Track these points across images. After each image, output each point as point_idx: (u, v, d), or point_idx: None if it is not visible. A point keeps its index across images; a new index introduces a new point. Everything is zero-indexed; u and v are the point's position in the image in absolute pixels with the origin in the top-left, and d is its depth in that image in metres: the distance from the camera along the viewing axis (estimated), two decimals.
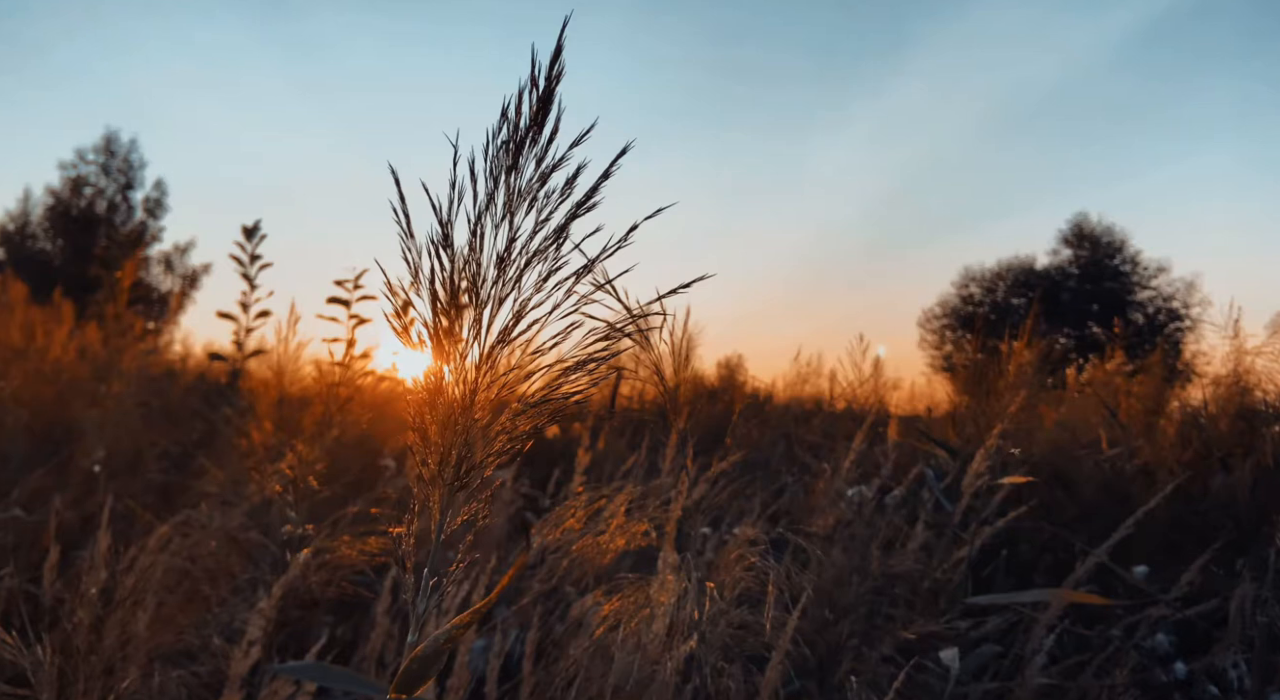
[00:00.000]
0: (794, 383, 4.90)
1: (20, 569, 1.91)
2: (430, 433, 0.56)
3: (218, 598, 1.42)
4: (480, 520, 0.58)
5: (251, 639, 1.29)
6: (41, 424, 2.81)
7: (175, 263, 20.24)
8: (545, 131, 0.59)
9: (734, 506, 2.85)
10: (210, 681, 1.33)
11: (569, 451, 2.86)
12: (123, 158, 20.93)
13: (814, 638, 1.88)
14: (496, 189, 0.58)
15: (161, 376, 4.00)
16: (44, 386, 3.01)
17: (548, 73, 0.59)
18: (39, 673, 1.01)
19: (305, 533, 1.28)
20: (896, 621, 1.87)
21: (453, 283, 0.56)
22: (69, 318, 4.23)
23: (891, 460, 2.82)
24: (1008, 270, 22.93)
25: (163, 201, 21.01)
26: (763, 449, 3.61)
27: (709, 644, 1.12)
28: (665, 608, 1.13)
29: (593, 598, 1.28)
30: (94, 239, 19.21)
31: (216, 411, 3.29)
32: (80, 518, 2.47)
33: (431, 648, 0.50)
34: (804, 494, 2.55)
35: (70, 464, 2.62)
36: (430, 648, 0.49)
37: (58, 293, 4.67)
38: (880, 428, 3.23)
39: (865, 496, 2.48)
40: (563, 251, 0.59)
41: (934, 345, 22.75)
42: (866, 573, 1.90)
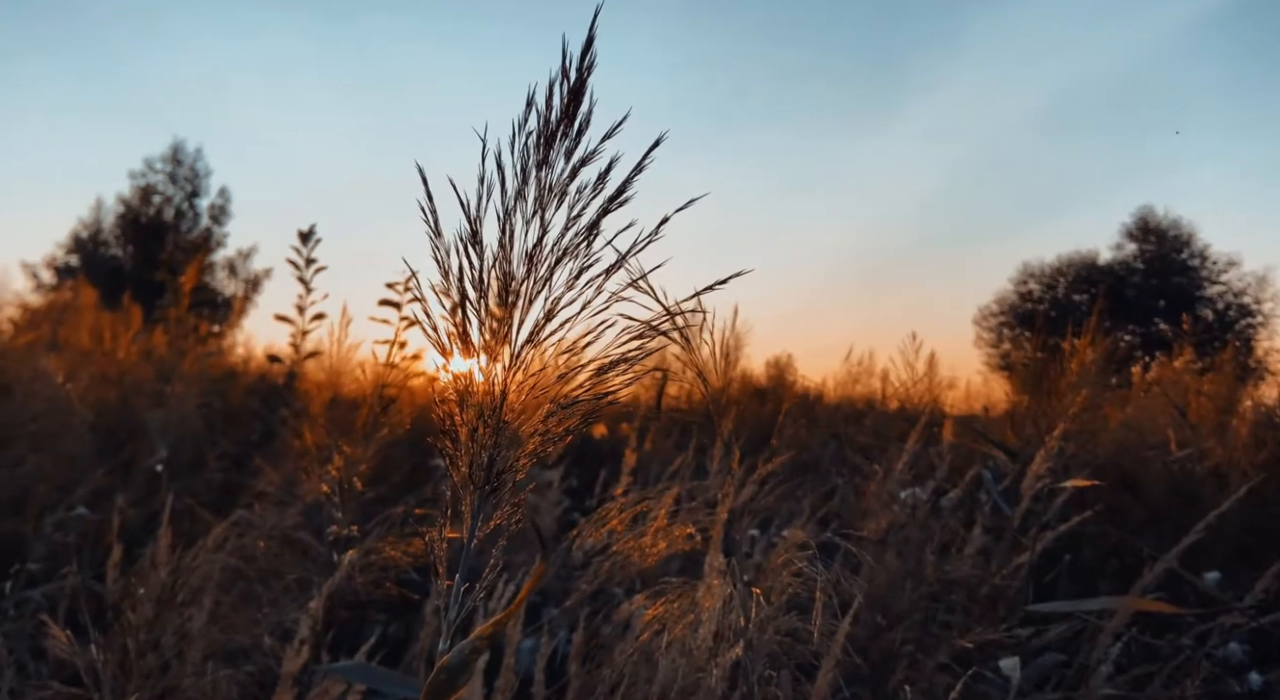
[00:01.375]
0: (845, 382, 4.82)
1: (85, 566, 1.98)
2: (460, 435, 0.55)
3: (269, 597, 1.44)
4: (514, 524, 0.57)
5: (301, 638, 1.30)
6: (106, 424, 2.90)
7: (238, 267, 20.85)
8: (576, 124, 0.57)
9: (783, 508, 2.81)
10: (262, 680, 1.34)
11: (616, 452, 2.85)
12: (189, 166, 21.64)
13: (867, 645, 1.83)
14: (526, 184, 0.56)
15: (222, 378, 4.10)
16: (109, 388, 3.11)
17: (579, 64, 0.57)
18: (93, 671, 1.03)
19: (351, 534, 1.29)
20: (953, 629, 1.81)
21: (481, 282, 0.55)
22: (137, 321, 4.38)
23: (947, 462, 2.74)
24: (1069, 266, 22.25)
25: (226, 208, 21.68)
26: (813, 450, 3.55)
27: (756, 651, 1.09)
28: (711, 613, 1.10)
29: (639, 599, 1.26)
30: (162, 245, 19.90)
31: (274, 412, 3.37)
32: (144, 515, 2.54)
33: (458, 658, 0.48)
34: (855, 496, 2.50)
35: (134, 463, 2.71)
36: (457, 658, 0.48)
37: (127, 297, 4.83)
38: (934, 428, 3.15)
39: (919, 499, 2.41)
40: (594, 248, 0.57)
41: (991, 343, 22.20)
42: (921, 578, 1.85)
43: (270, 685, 1.30)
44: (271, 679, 1.33)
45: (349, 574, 1.27)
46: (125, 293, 4.97)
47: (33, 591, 1.91)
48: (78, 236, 20.36)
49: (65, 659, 1.11)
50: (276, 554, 1.48)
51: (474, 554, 0.57)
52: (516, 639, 1.57)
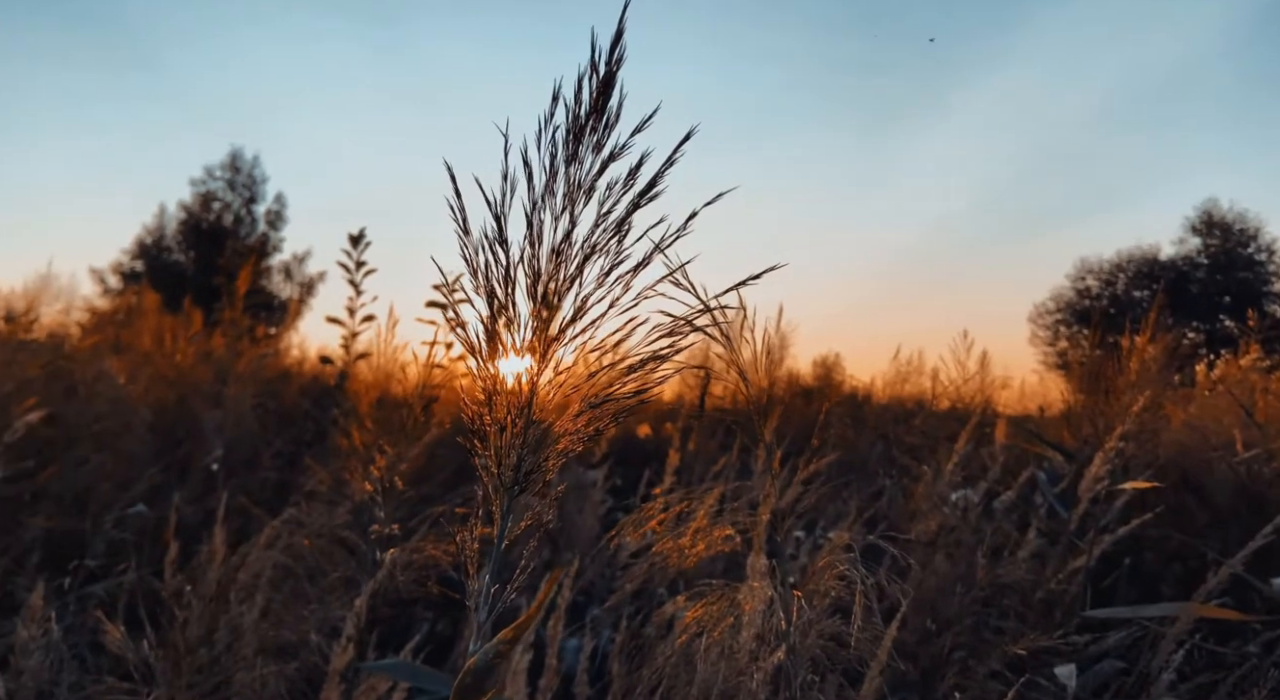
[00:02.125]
0: (894, 381, 4.74)
1: (144, 563, 2.04)
2: (490, 435, 0.54)
3: (316, 594, 1.47)
4: (544, 524, 0.56)
5: (348, 636, 1.32)
6: (165, 424, 2.98)
7: (294, 271, 21.37)
8: (606, 119, 0.56)
9: (830, 509, 2.77)
10: (310, 676, 1.37)
11: (660, 451, 2.84)
12: (246, 173, 22.24)
13: (915, 650, 1.79)
14: (555, 180, 0.56)
15: (276, 379, 4.20)
16: (168, 389, 3.21)
17: (608, 57, 0.56)
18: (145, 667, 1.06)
19: (393, 532, 1.30)
20: (1006, 635, 1.76)
21: (508, 279, 0.54)
22: (197, 324, 4.51)
23: (999, 463, 2.67)
24: (1128, 261, 21.56)
25: (282, 213, 22.23)
26: (860, 450, 3.50)
27: (798, 655, 1.07)
28: (752, 616, 1.08)
29: (680, 601, 1.25)
30: (221, 250, 20.49)
31: (325, 412, 3.43)
32: (201, 512, 2.61)
33: (483, 661, 0.48)
34: (903, 498, 2.45)
35: (191, 462, 2.78)
36: (482, 661, 0.48)
37: (187, 301, 4.98)
38: (986, 429, 3.08)
39: (971, 501, 2.36)
40: (624, 244, 0.57)
41: (1047, 341, 21.63)
42: (972, 582, 1.80)
43: (316, 681, 1.32)
44: (318, 675, 1.35)
45: (391, 573, 1.28)
46: (186, 296, 5.13)
47: (95, 587, 1.97)
48: (142, 243, 21.07)
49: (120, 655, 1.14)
50: (323, 552, 1.50)
51: (508, 553, 0.57)
52: (558, 638, 1.57)
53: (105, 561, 2.09)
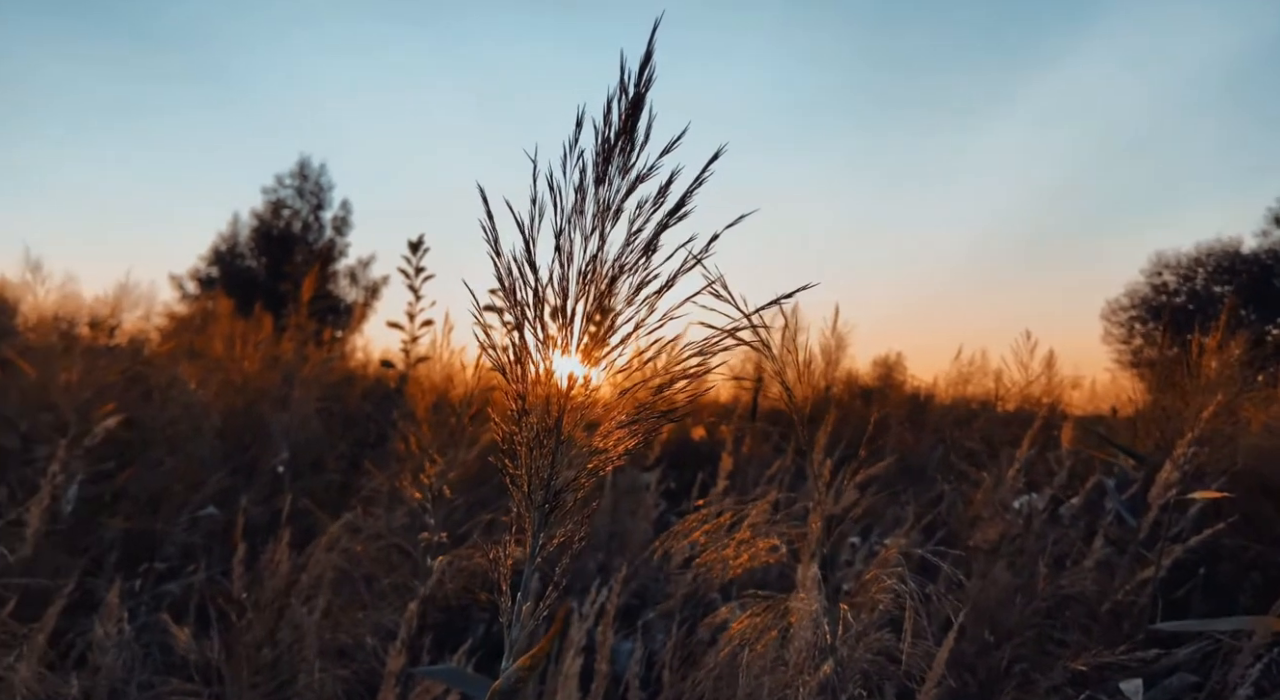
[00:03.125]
0: (956, 382, 4.63)
1: (213, 563, 2.12)
2: (520, 453, 0.55)
3: (371, 599, 1.50)
4: (576, 542, 0.57)
5: (402, 640, 1.35)
6: (233, 427, 3.09)
7: (358, 275, 21.92)
8: (634, 140, 0.57)
9: (888, 515, 2.72)
10: (366, 678, 1.40)
11: (715, 454, 2.83)
12: (314, 181, 22.91)
13: (974, 662, 1.75)
14: (584, 201, 0.56)
15: (340, 382, 4.31)
16: (236, 394, 3.32)
17: (637, 79, 0.57)
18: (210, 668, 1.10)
19: (441, 540, 1.33)
20: (1070, 647, 1.71)
21: (538, 300, 0.55)
22: (267, 329, 4.66)
23: (1066, 467, 2.59)
24: (1208, 255, 20.60)
25: (348, 219, 22.82)
26: (920, 454, 3.42)
27: (848, 669, 1.05)
28: (800, 627, 1.07)
29: (723, 612, 1.24)
30: (291, 256, 21.13)
31: (387, 415, 3.52)
32: (268, 513, 2.70)
33: (507, 685, 0.48)
34: (962, 504, 2.39)
35: (258, 465, 2.88)
36: (506, 685, 0.48)
37: (258, 306, 5.15)
38: (1054, 431, 2.98)
39: (1035, 507, 2.29)
40: (653, 263, 0.57)
41: (1121, 339, 20.81)
42: (1033, 592, 1.75)
43: (373, 684, 1.35)
44: (375, 678, 1.38)
45: (441, 580, 1.31)
46: (257, 301, 5.32)
47: (170, 585, 2.06)
48: (217, 249, 21.88)
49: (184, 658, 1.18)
50: (377, 558, 1.54)
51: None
52: (608, 644, 1.58)
53: (177, 562, 2.17)
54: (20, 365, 2.80)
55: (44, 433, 2.46)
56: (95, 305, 5.58)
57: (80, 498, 2.12)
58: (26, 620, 1.32)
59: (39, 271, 3.89)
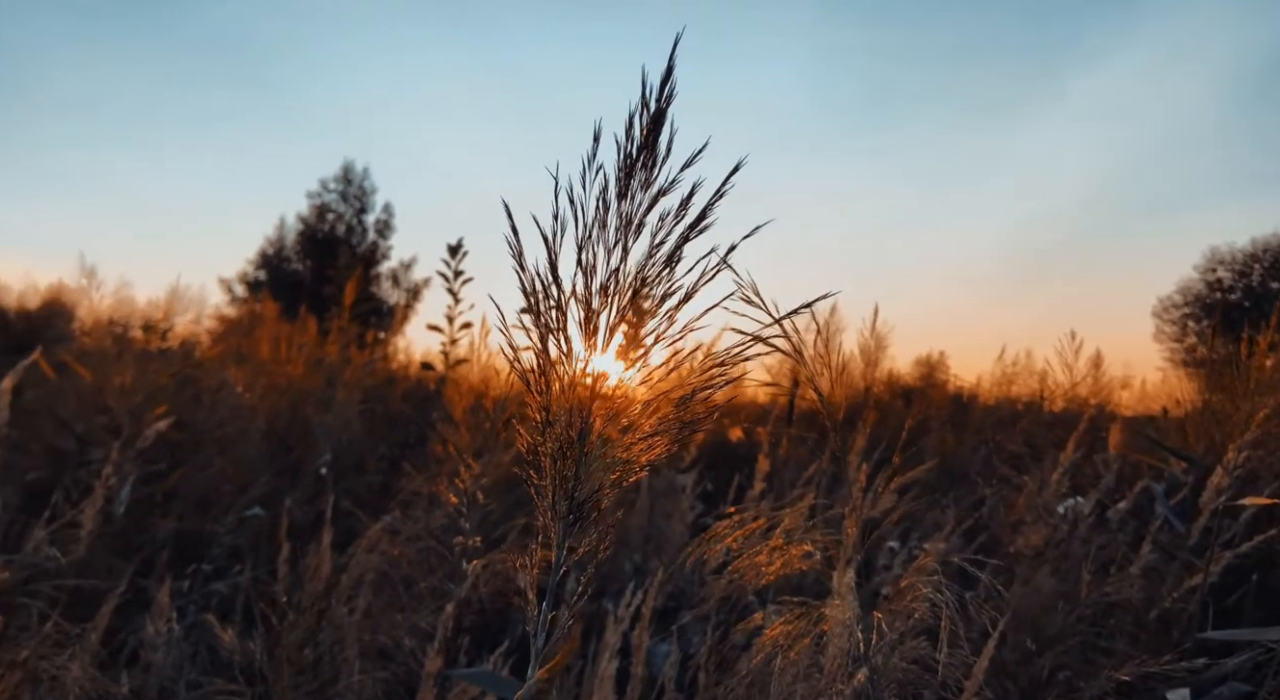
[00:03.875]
0: (1000, 382, 4.55)
1: (259, 563, 2.17)
2: (544, 465, 0.56)
3: (409, 601, 1.53)
4: (601, 551, 0.57)
5: (440, 642, 1.37)
6: (277, 429, 3.16)
7: (400, 278, 22.24)
8: (656, 154, 0.57)
9: (928, 519, 2.69)
10: (405, 679, 1.43)
11: (752, 456, 2.82)
12: (357, 185, 23.30)
13: (1016, 670, 1.72)
14: (607, 215, 0.56)
15: (382, 384, 4.38)
16: (280, 397, 3.40)
17: (659, 94, 0.57)
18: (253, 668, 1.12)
19: (475, 544, 1.34)
20: (1116, 656, 1.67)
21: (560, 313, 0.55)
22: (312, 331, 4.76)
23: (1114, 471, 2.53)
24: (1265, 251, 19.89)
25: (390, 223, 23.17)
26: (962, 457, 3.37)
27: (883, 677, 1.04)
28: (833, 635, 1.07)
29: (757, 618, 1.24)
30: (335, 259, 21.51)
31: (427, 417, 3.57)
32: (312, 514, 2.76)
33: (529, 694, 0.49)
34: (1004, 508, 2.35)
35: (302, 466, 2.94)
36: (528, 694, 0.49)
37: (303, 309, 5.26)
38: (1101, 433, 2.91)
39: (1080, 512, 2.24)
40: (675, 275, 0.57)
41: (1173, 338, 20.21)
42: (1077, 598, 1.71)
43: (411, 684, 1.38)
44: (413, 678, 1.40)
45: (475, 583, 1.32)
46: (302, 304, 5.43)
47: (217, 584, 2.12)
48: (264, 253, 22.36)
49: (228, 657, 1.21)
50: (414, 560, 1.56)
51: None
52: (643, 647, 1.58)
53: (224, 562, 2.23)
54: (77, 369, 2.89)
55: (98, 435, 2.54)
56: (148, 309, 5.75)
57: (132, 499, 2.19)
58: (80, 619, 1.37)
59: (94, 277, 4.01)
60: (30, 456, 2.47)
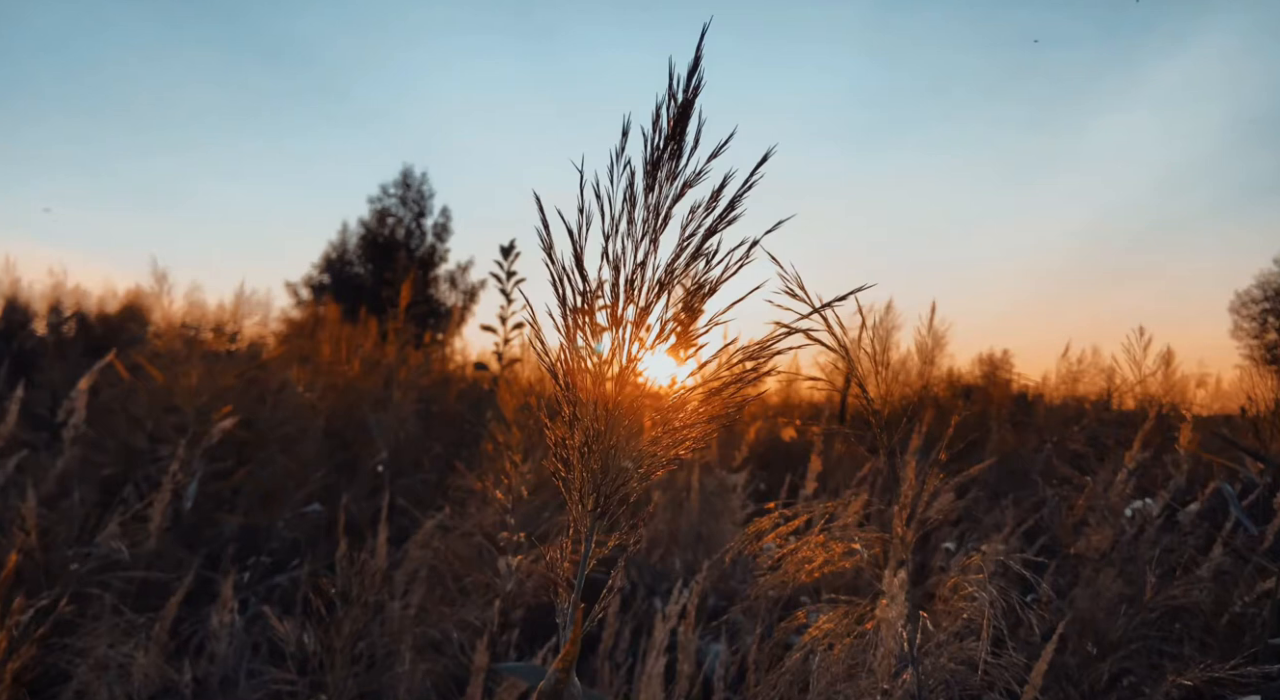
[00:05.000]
0: (1065, 380, 4.42)
1: (318, 558, 2.23)
2: (572, 459, 0.56)
3: (459, 595, 1.55)
4: (633, 547, 0.57)
5: (488, 637, 1.39)
6: (336, 428, 3.25)
7: (458, 280, 22.61)
8: (683, 145, 0.57)
9: (987, 520, 2.62)
10: (455, 672, 1.45)
11: (805, 455, 2.79)
12: (416, 189, 23.77)
13: (1078, 674, 1.67)
14: (634, 208, 0.56)
15: (437, 384, 4.46)
16: (339, 397, 3.48)
17: (686, 85, 0.57)
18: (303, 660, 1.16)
19: (519, 541, 1.36)
20: (1182, 661, 1.60)
21: (587, 306, 0.56)
22: (372, 333, 4.87)
23: (1184, 471, 2.43)
24: None
25: (448, 226, 23.58)
26: (1023, 456, 3.28)
27: (930, 678, 1.02)
28: (880, 634, 1.05)
29: (802, 615, 1.23)
30: (395, 262, 21.96)
31: (480, 416, 3.62)
32: (370, 510, 2.82)
33: (549, 685, 0.49)
34: (1066, 509, 2.28)
35: (359, 463, 3.01)
36: (548, 686, 0.49)
37: (363, 311, 5.38)
38: (1171, 432, 2.80)
39: (1148, 514, 2.16)
40: (705, 266, 0.57)
41: (1252, 334, 19.32)
42: (1141, 601, 1.65)
43: (461, 678, 1.40)
44: (461, 671, 1.43)
45: (520, 579, 1.34)
46: (362, 306, 5.57)
47: (278, 577, 2.18)
48: (328, 257, 22.96)
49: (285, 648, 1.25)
50: (466, 556, 1.59)
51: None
52: (691, 645, 1.58)
53: (284, 556, 2.30)
54: (149, 370, 3.01)
55: (168, 433, 2.64)
56: (218, 312, 5.95)
57: (199, 494, 2.27)
58: (149, 609, 1.42)
59: (166, 282, 4.17)
60: (105, 453, 2.58)
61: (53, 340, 6.39)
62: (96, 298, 7.08)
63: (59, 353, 5.48)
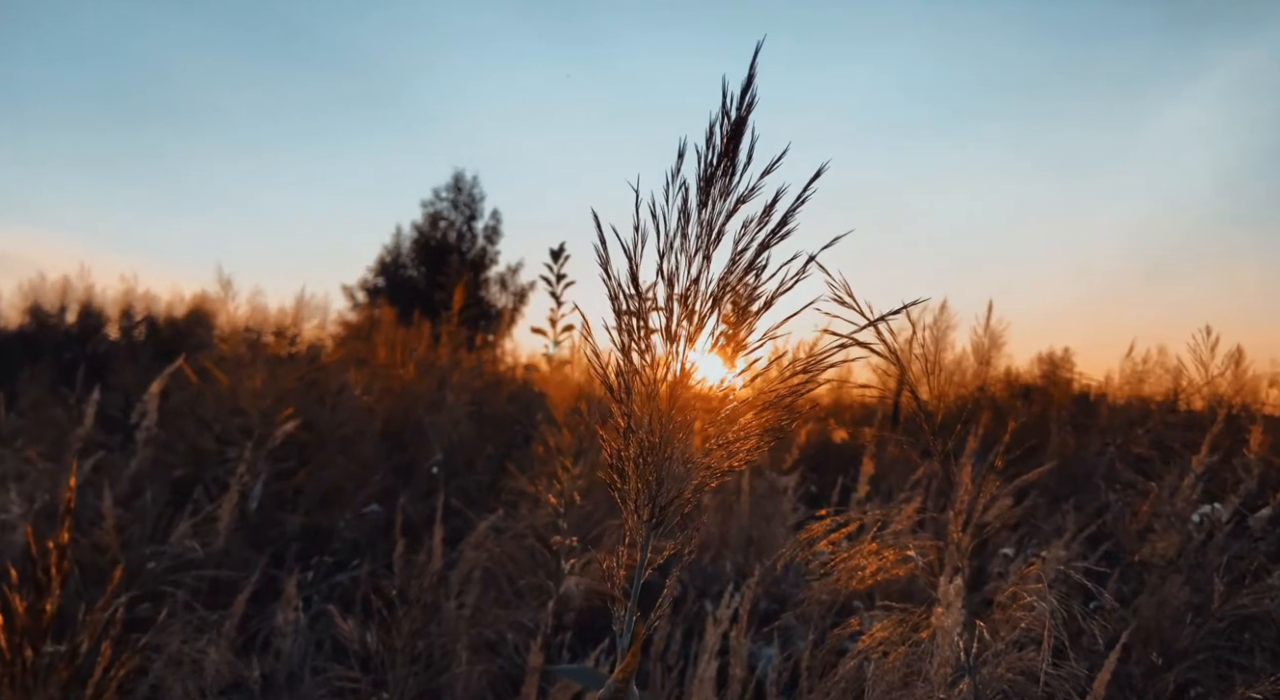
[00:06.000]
0: (1130, 380, 4.29)
1: (377, 558, 2.28)
2: (627, 470, 0.57)
3: (513, 596, 1.58)
4: (686, 556, 0.58)
5: (542, 638, 1.41)
6: (393, 430, 3.32)
7: (508, 282, 22.86)
8: (738, 163, 0.58)
9: (1047, 524, 2.57)
10: (510, 672, 1.48)
11: (856, 457, 2.76)
12: (467, 193, 24.09)
13: (1142, 685, 1.62)
14: (688, 224, 0.58)
15: (489, 386, 4.52)
16: (395, 399, 3.56)
17: (739, 102, 0.58)
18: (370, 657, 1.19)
19: (572, 544, 1.38)
20: (1253, 672, 1.55)
21: (642, 320, 0.57)
22: (425, 335, 4.96)
23: (1255, 475, 2.35)
24: None
25: (498, 228, 23.84)
26: (1085, 460, 3.20)
27: (987, 687, 1.01)
28: (936, 643, 1.04)
29: (855, 623, 1.22)
30: (447, 265, 22.31)
31: (531, 418, 3.66)
32: (426, 510, 2.88)
33: (608, 694, 0.51)
34: (1130, 514, 2.22)
35: (415, 464, 3.07)
36: (608, 693, 0.51)
37: (417, 313, 5.49)
38: (1242, 434, 2.71)
39: (1217, 519, 2.09)
40: (758, 281, 0.58)
41: None
42: (1209, 610, 1.60)
43: (514, 677, 1.42)
44: (516, 672, 1.45)
45: (574, 582, 1.36)
46: (416, 309, 5.68)
47: (339, 576, 2.25)
48: (383, 261, 23.42)
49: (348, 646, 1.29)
50: (519, 558, 1.61)
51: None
52: (743, 650, 1.58)
53: (345, 556, 2.36)
54: (215, 374, 3.12)
55: (234, 435, 2.73)
56: (279, 316, 6.12)
57: (264, 495, 2.35)
58: (217, 607, 1.48)
59: (230, 287, 4.32)
60: (175, 454, 2.68)
61: (124, 344, 6.65)
62: (165, 303, 7.35)
63: (130, 356, 5.70)
